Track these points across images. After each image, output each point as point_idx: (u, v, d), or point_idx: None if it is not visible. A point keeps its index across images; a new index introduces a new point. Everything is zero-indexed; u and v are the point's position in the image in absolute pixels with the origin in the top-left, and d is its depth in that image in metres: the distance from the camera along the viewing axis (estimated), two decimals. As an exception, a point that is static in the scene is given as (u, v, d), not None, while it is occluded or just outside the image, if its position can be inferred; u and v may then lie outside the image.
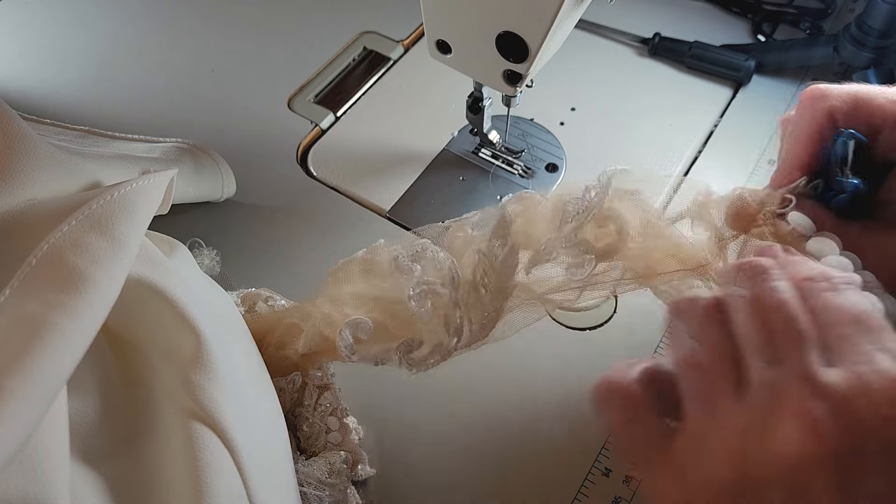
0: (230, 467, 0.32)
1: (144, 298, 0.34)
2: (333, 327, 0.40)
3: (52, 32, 0.68)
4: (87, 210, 0.32)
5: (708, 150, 0.59)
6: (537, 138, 0.60)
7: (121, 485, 0.31)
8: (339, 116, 0.62)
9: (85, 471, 0.31)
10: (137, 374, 0.35)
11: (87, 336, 0.29)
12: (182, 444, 0.32)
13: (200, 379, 0.33)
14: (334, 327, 0.40)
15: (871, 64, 0.58)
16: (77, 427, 0.31)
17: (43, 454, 0.26)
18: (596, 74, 0.64)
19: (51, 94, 0.63)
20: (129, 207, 0.33)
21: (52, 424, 0.27)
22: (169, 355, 0.34)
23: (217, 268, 0.51)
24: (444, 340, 0.38)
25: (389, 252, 0.41)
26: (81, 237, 0.31)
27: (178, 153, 0.52)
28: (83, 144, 0.51)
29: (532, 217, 0.38)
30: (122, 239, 0.32)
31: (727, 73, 0.63)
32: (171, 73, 0.65)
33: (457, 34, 0.47)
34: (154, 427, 0.33)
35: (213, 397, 0.33)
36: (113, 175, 0.42)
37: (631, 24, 0.67)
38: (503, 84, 0.48)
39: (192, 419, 0.32)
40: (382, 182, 0.57)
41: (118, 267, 0.31)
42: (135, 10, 0.70)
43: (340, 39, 0.67)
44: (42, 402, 0.26)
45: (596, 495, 0.42)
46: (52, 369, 0.26)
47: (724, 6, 0.69)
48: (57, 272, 0.29)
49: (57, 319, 0.27)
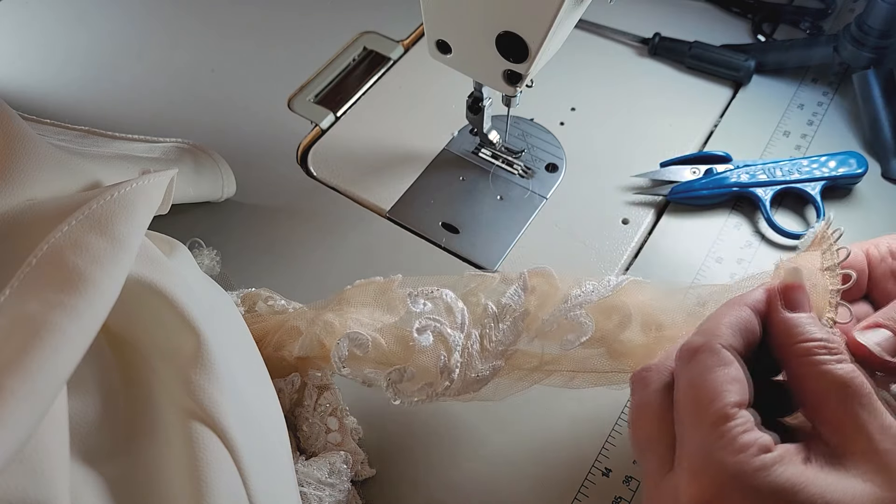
0: (230, 467, 0.32)
1: (144, 298, 0.34)
2: (333, 337, 0.41)
3: (52, 32, 0.68)
4: (87, 210, 0.32)
5: (708, 150, 0.59)
6: (537, 138, 0.60)
7: (121, 485, 0.31)
8: (339, 116, 0.62)
9: (85, 471, 0.31)
10: (137, 374, 0.35)
11: (87, 336, 0.28)
12: (182, 444, 0.32)
13: (200, 379, 0.33)
14: (333, 337, 0.41)
15: (871, 64, 0.58)
16: (77, 427, 0.31)
17: (43, 454, 0.26)
18: (596, 74, 0.64)
19: (51, 94, 0.63)
20: (129, 207, 0.33)
21: (52, 424, 0.27)
22: (169, 355, 0.34)
23: (217, 268, 0.51)
24: (435, 381, 0.39)
25: (405, 284, 0.42)
26: (81, 237, 0.31)
27: (178, 153, 0.52)
28: (83, 144, 0.51)
29: (546, 293, 0.40)
30: (123, 239, 0.32)
31: (727, 73, 0.63)
32: (171, 73, 0.65)
33: (457, 34, 0.47)
34: (154, 427, 0.33)
35: (213, 397, 0.33)
36: (113, 175, 0.42)
37: (631, 24, 0.67)
38: (503, 84, 0.48)
39: (192, 419, 0.32)
40: (382, 182, 0.57)
41: (118, 267, 0.31)
42: (135, 10, 0.70)
43: (340, 39, 0.67)
44: (42, 402, 0.26)
45: (596, 495, 0.42)
46: (52, 369, 0.26)
47: (723, 6, 0.69)
48: (57, 272, 0.29)
49: (57, 319, 0.27)
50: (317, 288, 0.47)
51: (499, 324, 0.39)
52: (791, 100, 0.61)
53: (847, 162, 0.54)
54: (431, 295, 0.40)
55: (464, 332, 0.39)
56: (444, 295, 0.40)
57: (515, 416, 0.45)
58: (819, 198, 0.53)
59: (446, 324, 0.39)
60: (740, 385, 0.30)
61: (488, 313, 0.40)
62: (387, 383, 0.39)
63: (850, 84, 0.60)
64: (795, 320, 0.32)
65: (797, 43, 0.64)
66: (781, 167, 0.54)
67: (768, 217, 0.53)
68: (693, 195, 0.54)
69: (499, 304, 0.40)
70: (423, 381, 0.39)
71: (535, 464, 0.43)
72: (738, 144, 0.58)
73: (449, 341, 0.39)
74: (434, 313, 0.40)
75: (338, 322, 0.41)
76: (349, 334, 0.40)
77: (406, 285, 0.42)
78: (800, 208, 0.55)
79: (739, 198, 0.55)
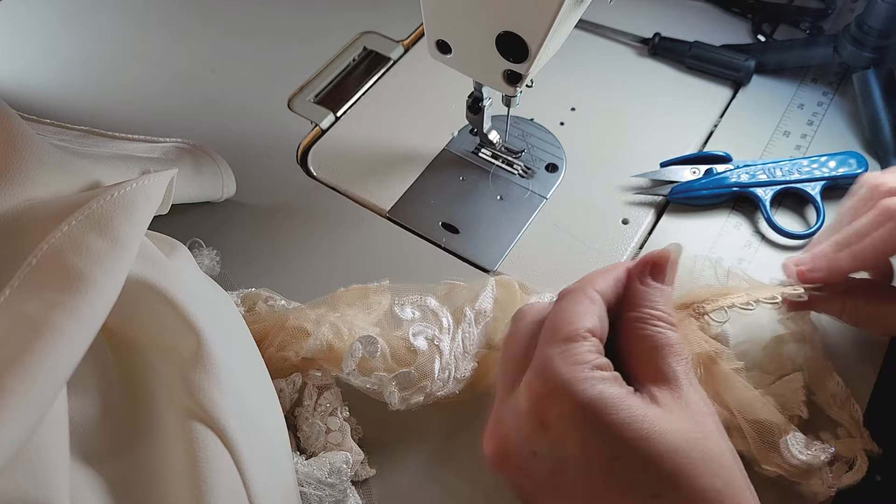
0: (230, 467, 0.32)
1: (144, 298, 0.34)
2: (340, 339, 0.42)
3: (53, 33, 0.68)
4: (86, 210, 0.32)
5: (708, 150, 0.58)
6: (537, 138, 0.60)
7: (120, 485, 0.31)
8: (339, 116, 0.62)
9: (85, 471, 0.31)
10: (137, 374, 0.35)
11: (87, 336, 0.28)
12: (182, 444, 0.32)
13: (200, 379, 0.33)
14: (341, 340, 0.42)
15: (871, 64, 0.58)
16: (77, 427, 0.31)
17: (43, 454, 0.26)
18: (596, 74, 0.64)
19: (51, 95, 0.63)
20: (128, 207, 0.33)
21: (52, 424, 0.27)
22: (169, 355, 0.34)
23: (217, 268, 0.51)
24: (431, 382, 0.42)
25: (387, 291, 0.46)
26: (81, 237, 0.31)
27: (178, 153, 0.52)
28: (83, 144, 0.51)
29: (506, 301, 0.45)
30: (122, 239, 0.32)
31: (727, 73, 0.63)
32: (171, 74, 0.65)
33: (457, 34, 0.47)
34: (154, 427, 0.33)
35: (213, 397, 0.33)
36: (113, 175, 0.42)
37: (631, 24, 0.67)
38: (503, 84, 0.48)
39: (192, 419, 0.32)
40: (382, 182, 0.57)
41: (118, 267, 0.31)
42: (136, 10, 0.70)
43: (340, 39, 0.67)
44: (42, 402, 0.26)
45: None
46: (52, 369, 0.26)
47: (723, 6, 0.69)
48: (57, 272, 0.29)
49: (57, 319, 0.27)
50: (317, 288, 0.47)
51: (474, 328, 0.44)
52: (791, 100, 0.61)
53: (847, 162, 0.54)
54: (418, 303, 0.44)
55: (450, 336, 0.43)
56: (428, 302, 0.44)
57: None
58: (819, 198, 0.53)
59: (435, 329, 0.43)
60: (599, 320, 0.35)
61: (465, 318, 0.44)
62: (393, 388, 0.41)
63: (850, 84, 0.60)
64: (644, 292, 0.37)
65: (797, 43, 0.64)
66: (781, 167, 0.54)
67: (768, 217, 0.53)
68: (693, 195, 0.54)
69: (474, 308, 0.44)
70: (420, 384, 0.42)
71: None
72: (738, 144, 0.58)
73: (441, 345, 0.43)
74: (423, 320, 0.44)
75: (345, 327, 0.43)
76: (363, 338, 0.41)
77: (387, 292, 0.46)
78: (800, 208, 0.55)
79: (739, 198, 0.55)
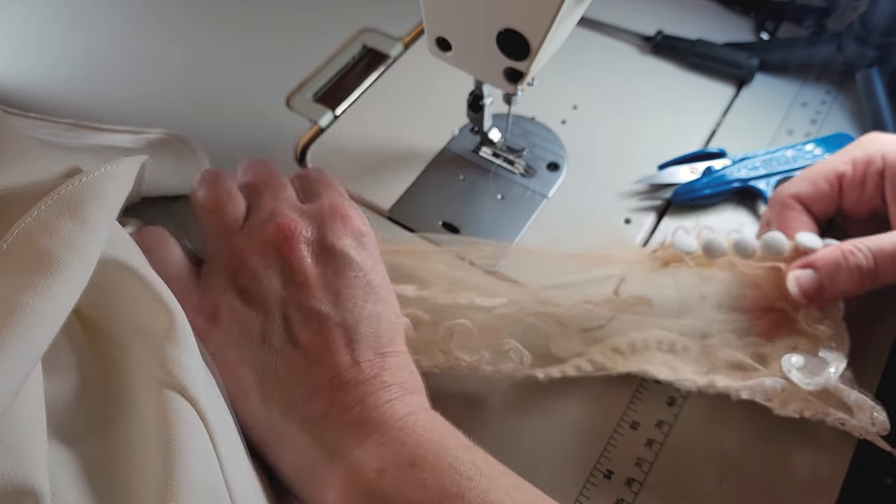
0: (201, 430, 0.32)
1: (116, 279, 0.35)
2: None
3: (48, 29, 0.67)
4: (55, 195, 0.32)
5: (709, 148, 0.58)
6: (538, 137, 0.59)
7: (96, 462, 0.31)
8: (338, 115, 0.61)
9: (60, 450, 0.31)
10: (111, 352, 0.35)
11: (59, 316, 0.29)
12: (155, 414, 0.32)
13: (172, 350, 0.33)
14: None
15: (875, 62, 0.58)
16: (53, 408, 0.31)
17: (21, 433, 0.26)
18: (598, 73, 0.64)
19: (47, 92, 0.62)
20: (97, 191, 0.34)
21: (28, 403, 0.27)
22: (143, 334, 0.34)
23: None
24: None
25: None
26: (52, 221, 0.31)
27: (161, 144, 0.52)
28: (69, 137, 0.52)
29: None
30: (92, 221, 0.32)
31: (730, 72, 0.62)
32: (168, 71, 0.64)
33: (457, 32, 0.47)
34: (129, 405, 0.34)
35: (184, 363, 0.33)
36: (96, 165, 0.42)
37: (633, 22, 0.66)
38: (504, 82, 0.47)
39: (165, 388, 0.32)
40: (382, 181, 0.57)
41: (89, 249, 0.31)
42: (132, 7, 0.69)
43: (339, 37, 0.67)
44: (15, 379, 0.26)
45: (597, 497, 0.42)
46: (24, 348, 0.26)
47: (726, 4, 0.68)
48: (28, 255, 0.30)
49: (28, 299, 0.27)
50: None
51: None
52: (794, 98, 0.61)
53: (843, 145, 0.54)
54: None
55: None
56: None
57: (516, 418, 0.45)
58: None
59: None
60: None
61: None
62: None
63: (853, 82, 0.60)
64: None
65: (800, 41, 0.64)
66: (778, 158, 0.55)
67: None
68: (696, 196, 0.54)
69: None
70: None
71: (536, 465, 0.43)
72: (740, 142, 0.58)
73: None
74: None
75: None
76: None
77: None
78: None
79: (742, 192, 0.55)
